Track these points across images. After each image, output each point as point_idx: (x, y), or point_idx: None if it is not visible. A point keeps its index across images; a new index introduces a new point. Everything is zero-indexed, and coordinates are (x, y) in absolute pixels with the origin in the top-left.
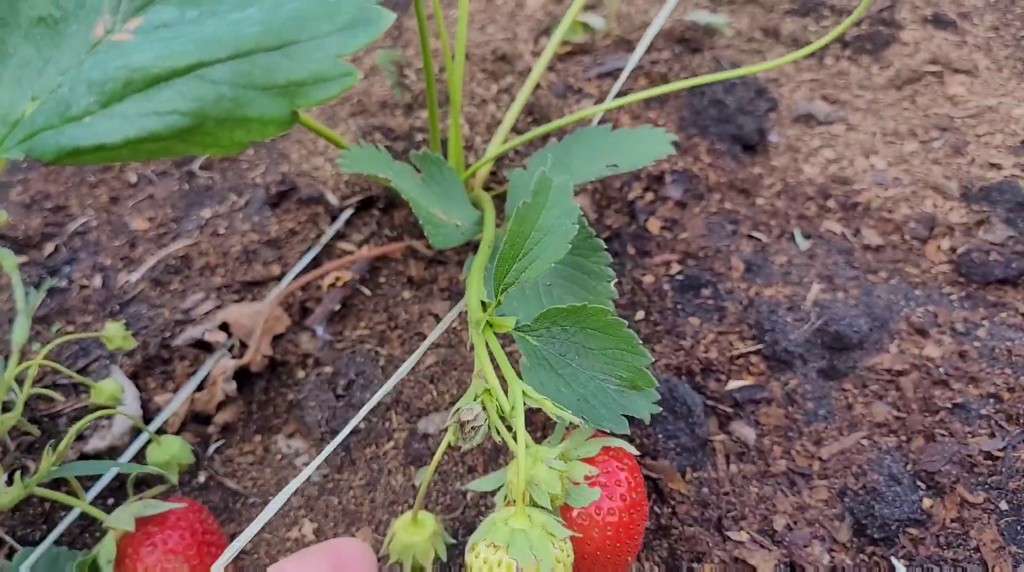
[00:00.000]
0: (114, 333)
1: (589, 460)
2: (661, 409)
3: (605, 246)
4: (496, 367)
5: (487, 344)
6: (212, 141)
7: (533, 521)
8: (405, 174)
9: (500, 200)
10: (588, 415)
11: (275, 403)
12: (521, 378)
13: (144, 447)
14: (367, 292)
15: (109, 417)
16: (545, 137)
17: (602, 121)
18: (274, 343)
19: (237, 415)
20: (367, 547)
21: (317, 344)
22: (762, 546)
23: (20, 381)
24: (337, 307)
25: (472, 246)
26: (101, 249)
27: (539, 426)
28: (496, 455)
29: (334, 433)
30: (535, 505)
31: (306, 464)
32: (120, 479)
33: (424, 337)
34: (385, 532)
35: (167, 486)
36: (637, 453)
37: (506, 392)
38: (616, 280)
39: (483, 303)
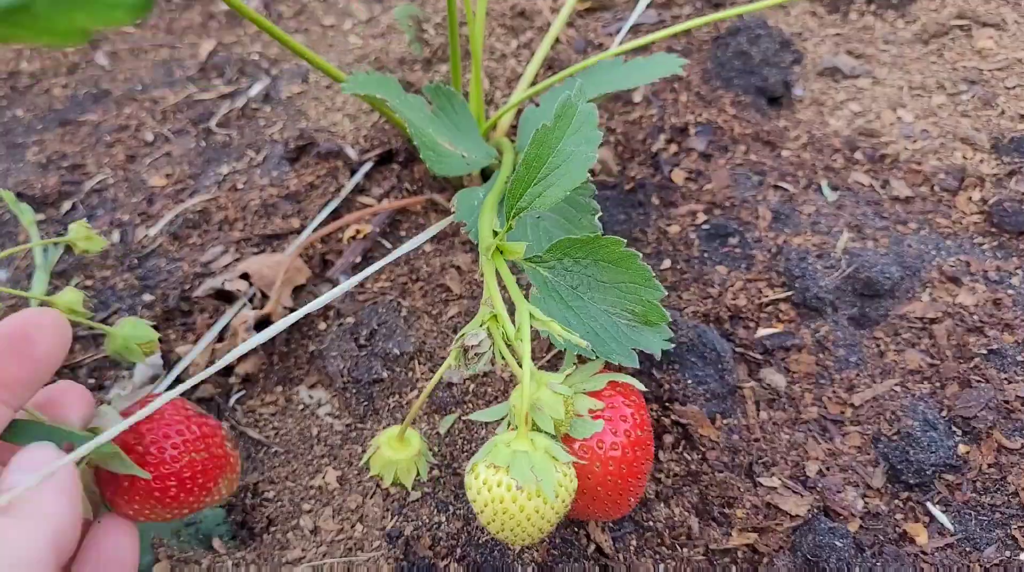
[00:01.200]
0: (77, 233)
1: (595, 394)
2: (673, 345)
3: (590, 178)
4: (505, 298)
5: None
6: (46, 26)
7: (536, 444)
8: (414, 104)
9: None
10: (598, 348)
11: (296, 354)
12: None
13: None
14: (388, 245)
15: (130, 367)
16: None
17: None
18: (295, 294)
19: (258, 366)
20: (58, 314)
21: (339, 296)
22: (794, 492)
23: None
24: (358, 259)
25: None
26: (119, 206)
27: (545, 367)
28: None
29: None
30: (538, 430)
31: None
32: None
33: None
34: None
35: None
36: (645, 390)
37: (513, 319)
38: (600, 213)
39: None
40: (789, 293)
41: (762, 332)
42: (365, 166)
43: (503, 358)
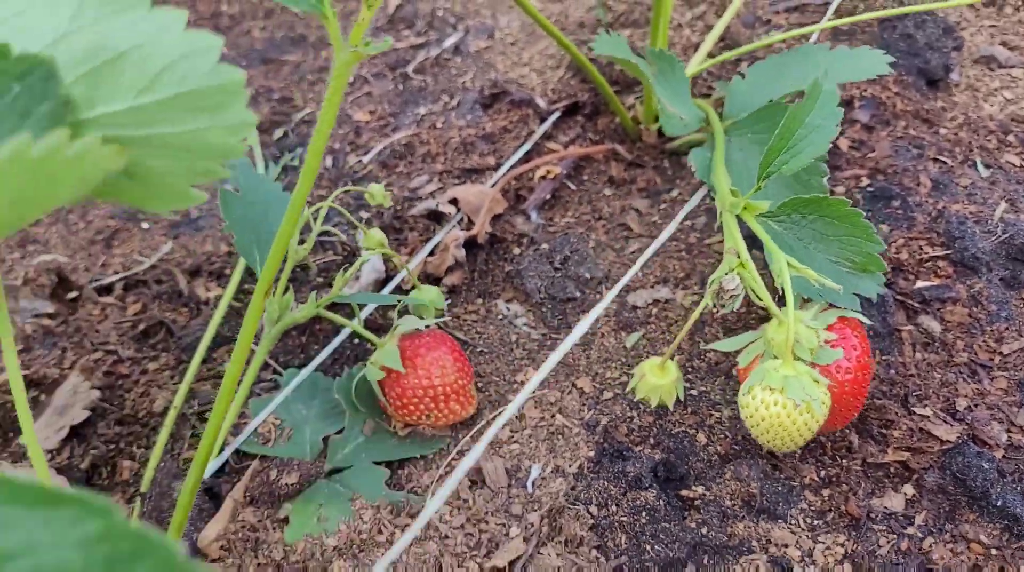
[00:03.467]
0: (376, 191)
1: (829, 327)
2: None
3: None
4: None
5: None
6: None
7: (799, 370)
8: (643, 66)
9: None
10: (823, 293)
11: (493, 273)
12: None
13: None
14: (572, 187)
15: (358, 275)
16: (736, 61)
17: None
18: (493, 222)
19: (462, 279)
20: None
21: (531, 226)
22: (945, 421)
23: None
24: (548, 196)
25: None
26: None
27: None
28: (700, 327)
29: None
30: (797, 359)
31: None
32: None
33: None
34: (600, 381)
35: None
36: (868, 324)
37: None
38: (828, 175)
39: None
40: (948, 252)
41: (921, 284)
42: (553, 115)
43: (758, 298)
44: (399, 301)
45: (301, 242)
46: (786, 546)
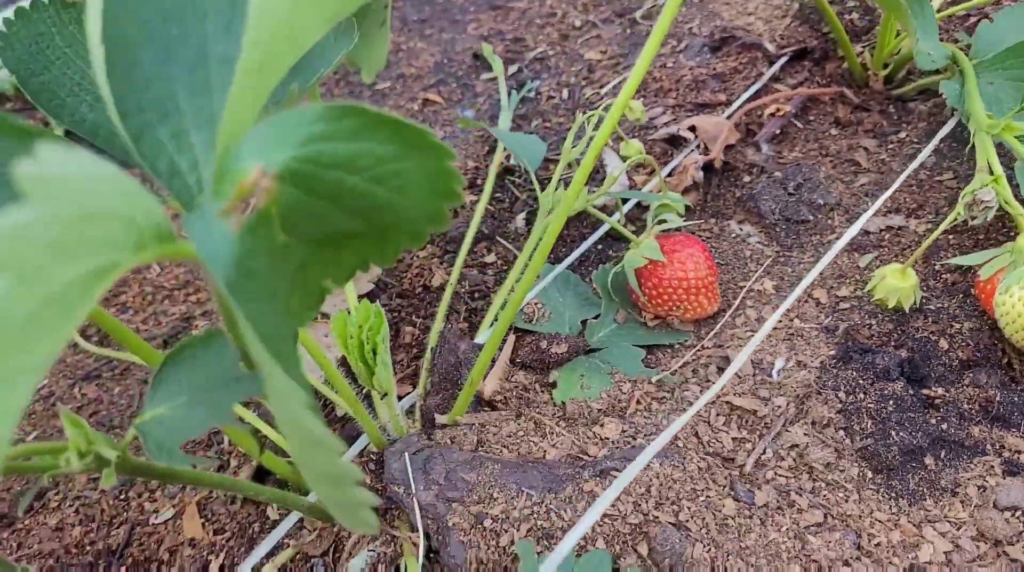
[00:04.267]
0: (636, 107)
1: None
2: None
3: None
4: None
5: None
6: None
7: None
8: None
9: None
10: None
11: (725, 197)
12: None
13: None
14: (799, 125)
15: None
16: (965, 15)
17: None
18: (725, 151)
19: (696, 200)
20: None
21: (761, 157)
22: None
23: None
24: (776, 131)
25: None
26: (561, 71)
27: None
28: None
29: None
30: None
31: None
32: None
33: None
34: (835, 295)
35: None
36: None
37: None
38: None
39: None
40: None
41: None
42: (782, 59)
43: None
44: (657, 198)
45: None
46: (1019, 452)
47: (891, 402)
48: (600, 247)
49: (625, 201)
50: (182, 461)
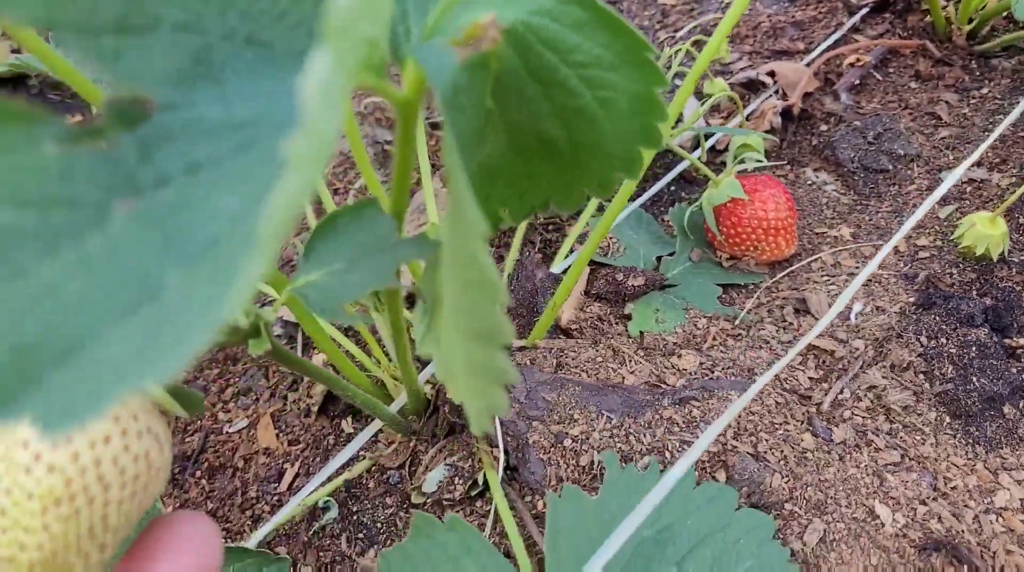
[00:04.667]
0: (717, 86)
1: None
2: None
3: None
4: None
5: None
6: None
7: None
8: None
9: None
10: None
11: (801, 144)
12: None
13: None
14: (879, 77)
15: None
16: None
17: None
18: (803, 99)
19: (772, 146)
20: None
21: (840, 106)
22: None
23: None
24: (856, 81)
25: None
26: (634, 15)
27: None
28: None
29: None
30: None
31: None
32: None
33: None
34: (914, 245)
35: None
36: None
37: None
38: None
39: None
40: None
41: None
42: (863, 10)
43: None
44: (742, 134)
45: None
46: None
47: (974, 348)
48: (673, 189)
49: (708, 137)
50: (344, 318)
